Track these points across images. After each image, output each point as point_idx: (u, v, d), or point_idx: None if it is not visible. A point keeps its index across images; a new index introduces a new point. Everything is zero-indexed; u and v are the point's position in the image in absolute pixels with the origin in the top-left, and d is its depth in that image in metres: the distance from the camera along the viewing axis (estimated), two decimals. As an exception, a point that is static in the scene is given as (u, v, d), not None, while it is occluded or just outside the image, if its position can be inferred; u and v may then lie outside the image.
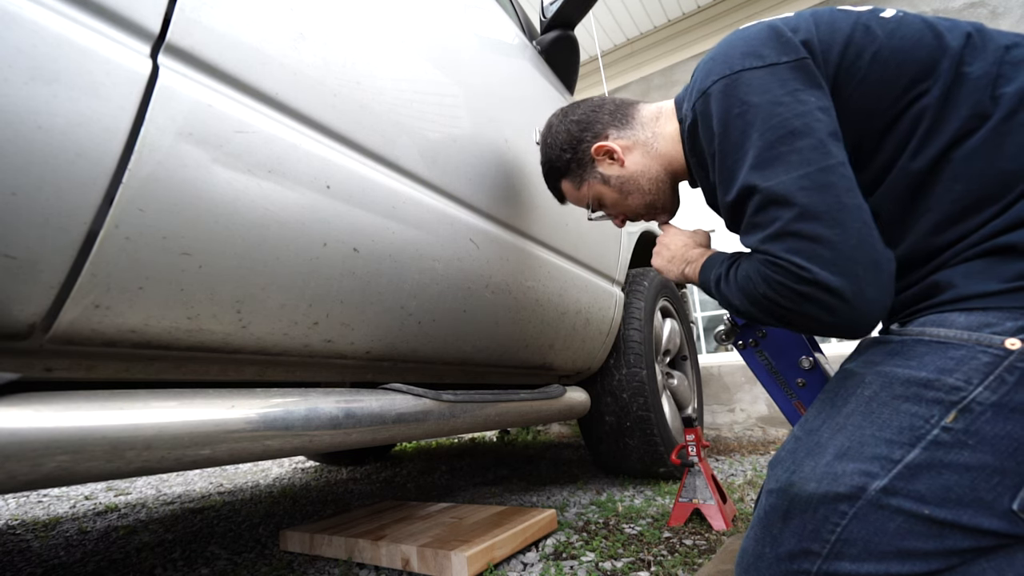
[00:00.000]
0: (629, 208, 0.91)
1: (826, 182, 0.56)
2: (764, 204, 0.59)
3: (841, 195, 0.56)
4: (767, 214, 0.59)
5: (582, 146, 0.89)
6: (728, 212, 0.66)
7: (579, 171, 0.92)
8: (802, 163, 0.57)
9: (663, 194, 0.87)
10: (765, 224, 0.59)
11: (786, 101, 0.60)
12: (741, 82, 0.63)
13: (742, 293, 0.63)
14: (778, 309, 0.59)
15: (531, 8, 3.18)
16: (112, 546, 1.30)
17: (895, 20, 0.63)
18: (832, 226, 0.55)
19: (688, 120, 0.72)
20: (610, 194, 0.90)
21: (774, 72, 0.62)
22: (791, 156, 0.58)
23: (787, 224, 0.56)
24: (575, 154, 0.91)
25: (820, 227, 0.55)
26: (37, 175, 0.42)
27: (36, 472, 0.46)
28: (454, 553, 0.89)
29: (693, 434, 1.25)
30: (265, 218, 0.60)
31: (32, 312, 0.46)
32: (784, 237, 0.56)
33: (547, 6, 1.38)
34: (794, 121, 0.59)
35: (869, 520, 0.49)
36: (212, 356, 0.65)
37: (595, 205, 0.94)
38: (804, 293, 0.55)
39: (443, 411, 0.96)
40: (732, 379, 3.04)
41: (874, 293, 0.55)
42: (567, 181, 0.95)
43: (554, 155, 0.94)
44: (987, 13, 2.70)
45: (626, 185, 0.88)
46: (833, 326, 0.56)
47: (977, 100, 0.57)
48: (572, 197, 0.97)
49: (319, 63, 0.67)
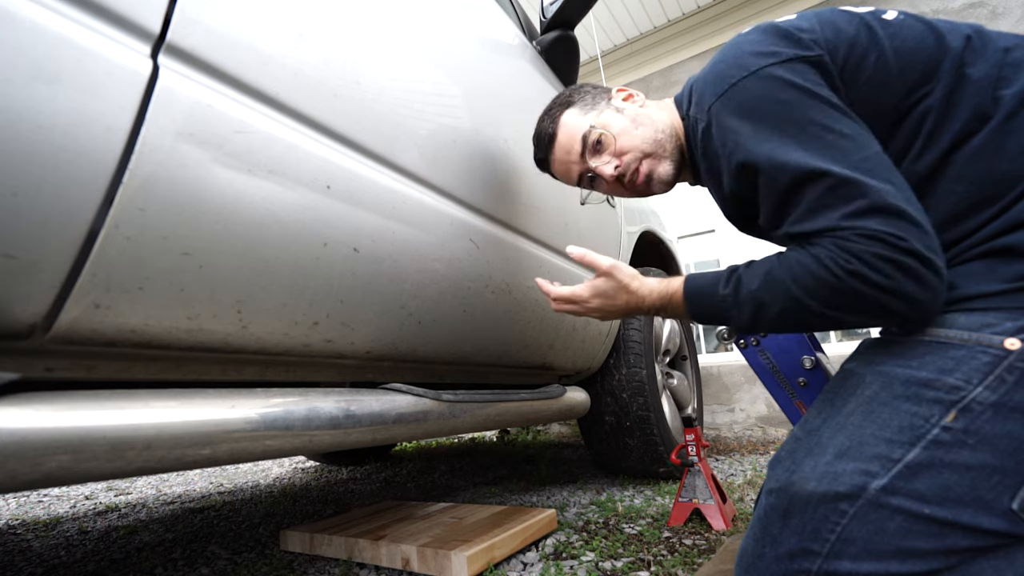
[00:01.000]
0: (637, 138, 0.81)
1: (885, 164, 0.57)
2: (836, 185, 0.55)
3: (899, 178, 0.56)
4: (841, 192, 0.55)
5: (602, 88, 0.90)
6: (776, 202, 0.61)
7: (593, 101, 0.88)
8: (858, 147, 0.57)
9: (672, 140, 0.82)
10: (842, 201, 0.55)
11: (819, 92, 0.60)
12: (763, 79, 0.61)
13: (798, 284, 0.58)
14: (862, 287, 0.54)
15: (531, 8, 3.18)
16: (112, 546, 1.30)
17: (897, 22, 0.63)
18: (909, 204, 0.54)
19: (703, 123, 0.69)
20: (620, 121, 0.83)
21: (794, 67, 0.61)
22: (843, 142, 0.57)
23: (872, 200, 0.54)
24: (594, 89, 0.90)
25: (903, 204, 0.54)
26: (37, 175, 0.42)
27: (36, 472, 0.46)
28: (454, 553, 0.90)
29: (693, 434, 1.25)
30: (265, 218, 0.60)
31: (32, 312, 0.46)
32: (872, 213, 0.53)
33: (547, 6, 1.38)
34: (832, 110, 0.59)
35: (869, 519, 0.49)
36: (212, 356, 0.65)
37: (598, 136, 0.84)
38: (904, 265, 0.52)
39: (443, 411, 0.96)
40: (732, 379, 3.04)
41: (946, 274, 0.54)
42: (574, 108, 0.88)
43: (567, 92, 0.92)
44: (987, 13, 2.70)
45: (640, 117, 0.83)
46: (920, 303, 0.53)
47: (978, 102, 0.57)
48: (571, 126, 0.87)
49: (319, 63, 0.67)
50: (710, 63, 0.70)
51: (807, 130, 0.58)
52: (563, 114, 0.89)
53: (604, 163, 0.83)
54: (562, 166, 0.91)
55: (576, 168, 0.88)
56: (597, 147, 0.84)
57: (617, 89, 0.89)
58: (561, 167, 0.91)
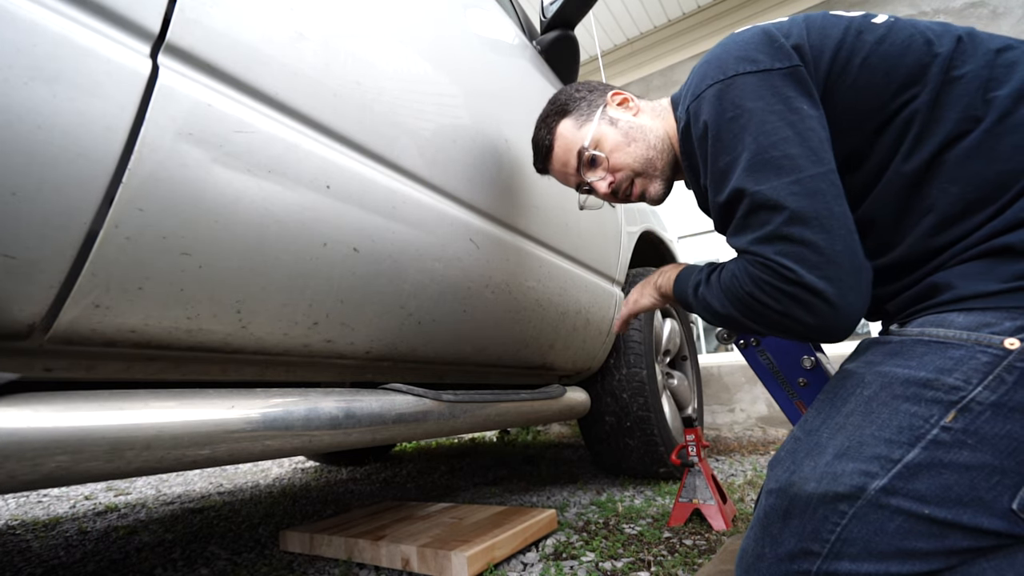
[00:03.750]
0: (628, 156, 0.84)
1: (816, 188, 0.58)
2: (755, 207, 0.60)
3: (830, 202, 0.58)
4: (757, 217, 0.60)
5: (598, 91, 0.91)
6: (718, 213, 0.67)
7: (588, 110, 0.89)
8: (794, 169, 0.59)
9: (664, 156, 0.84)
10: (755, 226, 0.60)
11: (779, 108, 0.61)
12: (735, 87, 0.64)
13: (725, 294, 0.65)
14: (761, 308, 0.60)
15: (531, 8, 3.18)
16: (112, 546, 1.30)
17: (885, 26, 0.64)
18: (820, 231, 0.56)
19: (683, 122, 0.73)
20: (613, 136, 0.85)
21: (767, 78, 0.63)
22: (783, 162, 0.59)
23: (778, 227, 0.58)
24: (590, 95, 0.91)
25: (809, 232, 0.56)
26: (37, 175, 0.42)
27: (36, 472, 0.46)
28: (454, 553, 0.89)
29: (693, 434, 1.25)
30: (265, 218, 0.60)
31: (32, 312, 0.46)
32: (774, 240, 0.58)
33: (547, 6, 1.38)
34: (786, 129, 0.60)
35: (869, 520, 0.49)
36: (212, 356, 0.65)
37: (591, 147, 0.87)
38: (790, 293, 0.57)
39: (443, 411, 0.96)
40: (732, 379, 3.04)
41: (855, 298, 0.57)
42: (569, 119, 0.90)
43: (563, 98, 0.92)
44: (987, 13, 2.70)
45: (633, 131, 0.85)
46: (812, 327, 0.58)
47: (968, 103, 0.58)
48: (567, 140, 0.89)
49: (319, 63, 0.67)
50: (701, 61, 0.72)
51: (758, 142, 0.61)
52: (559, 125, 0.91)
53: (599, 178, 0.88)
54: (560, 175, 0.95)
55: (573, 179, 0.93)
56: (592, 164, 0.88)
57: (613, 93, 0.90)
58: (559, 175, 0.96)
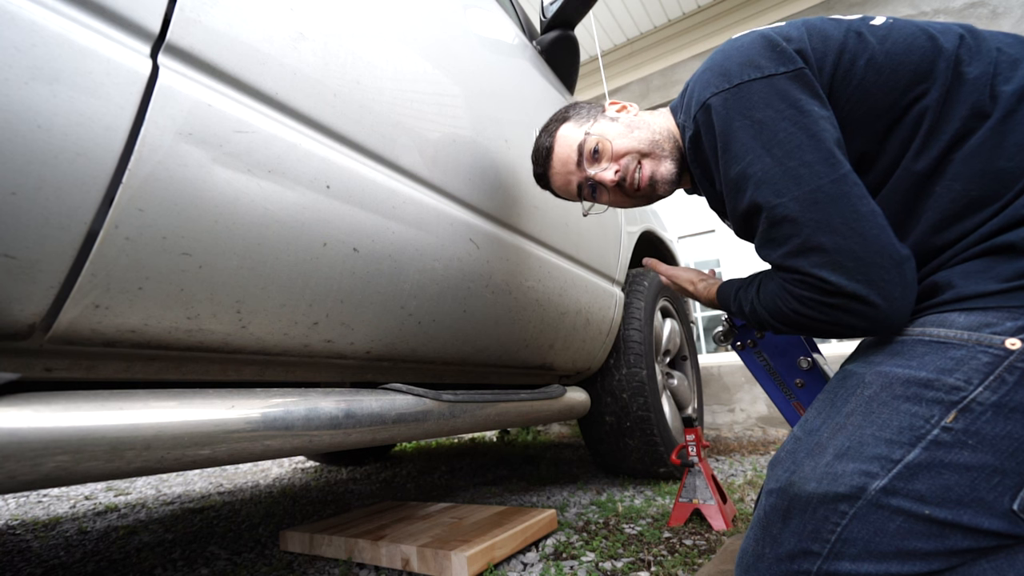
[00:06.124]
0: (633, 139, 0.82)
1: (839, 193, 0.57)
2: (777, 220, 0.59)
3: (855, 203, 0.56)
4: (781, 230, 0.59)
5: (597, 103, 0.93)
6: (739, 223, 0.67)
7: (588, 114, 0.90)
8: (813, 176, 0.58)
9: (670, 142, 0.82)
10: (782, 240, 0.59)
11: (790, 114, 0.60)
12: (741, 95, 0.63)
13: (771, 313, 0.65)
14: (812, 323, 0.60)
15: (531, 8, 3.18)
16: (112, 546, 1.30)
17: (886, 26, 0.64)
18: (850, 236, 0.55)
19: (690, 131, 0.72)
20: (615, 127, 0.85)
21: (773, 83, 0.62)
22: (801, 171, 0.58)
23: (806, 239, 0.57)
24: (589, 105, 0.92)
25: (839, 239, 0.56)
26: (37, 175, 0.42)
27: (36, 472, 0.46)
28: (454, 553, 0.89)
29: (693, 434, 1.25)
30: (265, 218, 0.60)
31: (32, 312, 0.46)
32: (806, 252, 0.57)
33: (547, 6, 1.38)
34: (800, 134, 0.59)
35: (869, 520, 0.49)
36: (212, 356, 0.65)
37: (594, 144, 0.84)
38: (833, 304, 0.57)
39: (443, 411, 0.96)
40: (732, 379, 3.04)
41: (900, 292, 0.56)
42: (570, 123, 0.90)
43: (563, 109, 0.94)
44: (987, 13, 2.70)
45: (635, 123, 0.84)
46: (868, 329, 0.58)
47: (976, 100, 0.57)
48: (567, 138, 0.89)
49: (319, 63, 0.67)
50: (700, 68, 0.71)
51: (771, 153, 0.60)
52: (559, 128, 0.90)
53: (603, 169, 0.84)
54: (561, 178, 0.91)
55: (575, 178, 0.89)
56: (595, 155, 0.85)
57: (610, 102, 0.91)
58: (560, 179, 0.92)
